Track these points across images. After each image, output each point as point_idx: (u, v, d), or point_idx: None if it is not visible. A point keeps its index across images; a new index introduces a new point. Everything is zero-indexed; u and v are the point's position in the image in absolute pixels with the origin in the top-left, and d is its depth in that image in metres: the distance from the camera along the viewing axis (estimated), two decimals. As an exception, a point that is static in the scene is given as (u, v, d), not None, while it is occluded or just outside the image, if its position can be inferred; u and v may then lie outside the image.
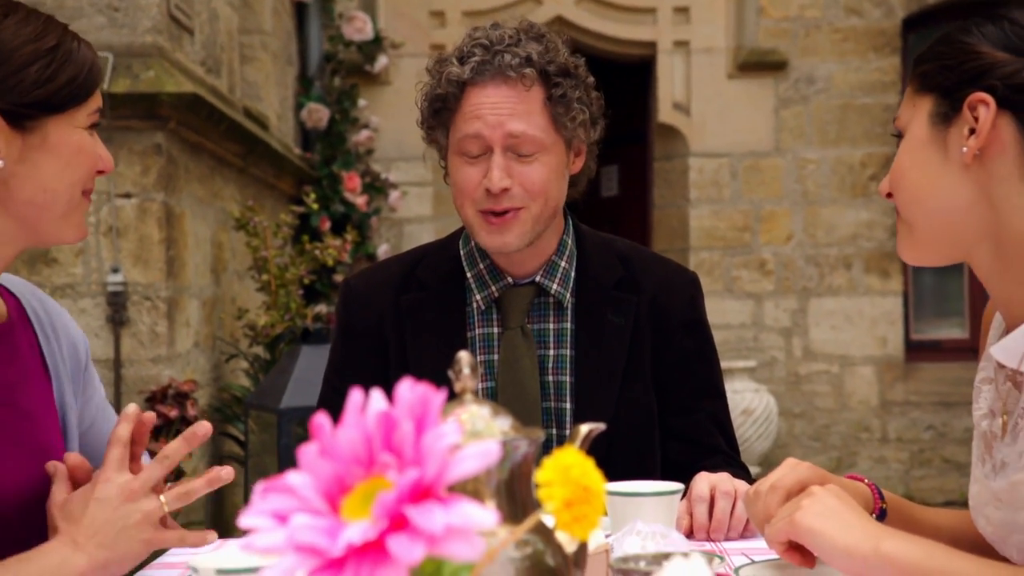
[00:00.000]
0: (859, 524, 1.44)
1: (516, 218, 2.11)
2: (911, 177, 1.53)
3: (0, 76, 1.51)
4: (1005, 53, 1.45)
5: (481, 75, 2.08)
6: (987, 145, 1.45)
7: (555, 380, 2.23)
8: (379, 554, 0.78)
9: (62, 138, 1.57)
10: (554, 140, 2.12)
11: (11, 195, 1.54)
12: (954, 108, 1.48)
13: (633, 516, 1.57)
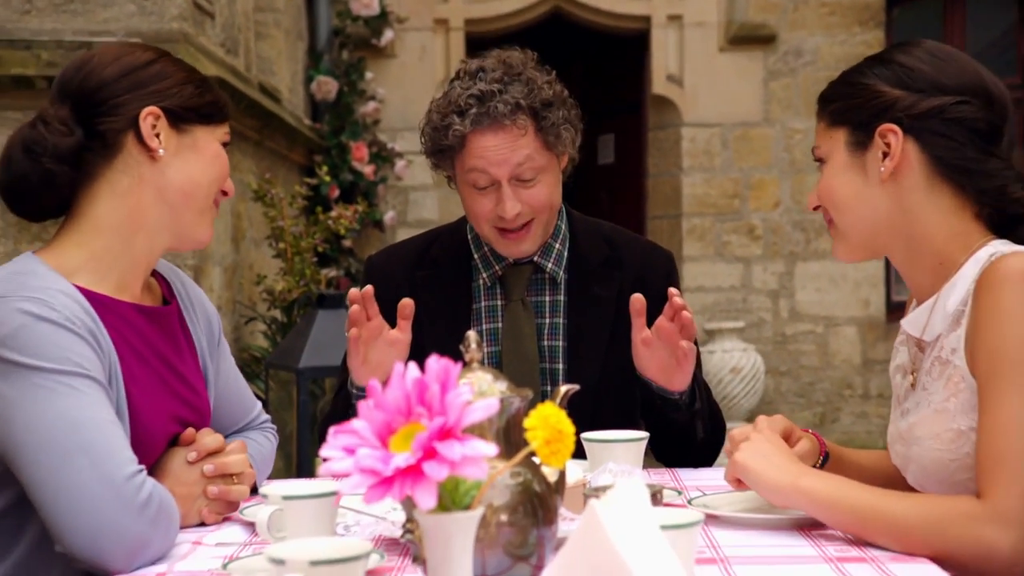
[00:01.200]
0: (783, 464, 1.81)
1: (529, 231, 2.46)
2: (840, 195, 1.90)
3: (168, 85, 1.93)
4: (900, 90, 1.82)
5: (480, 124, 2.39)
6: (899, 166, 1.83)
7: (550, 345, 2.58)
8: (417, 475, 1.16)
9: (206, 144, 1.97)
10: (548, 159, 2.45)
11: (167, 182, 1.92)
12: (868, 137, 1.85)
13: (607, 458, 1.93)
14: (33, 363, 1.72)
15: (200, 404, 2.06)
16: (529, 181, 2.43)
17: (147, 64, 1.94)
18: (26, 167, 1.88)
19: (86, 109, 1.90)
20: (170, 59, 1.99)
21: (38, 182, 1.88)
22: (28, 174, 1.88)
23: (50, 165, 1.87)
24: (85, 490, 1.68)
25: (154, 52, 1.98)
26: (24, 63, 4.69)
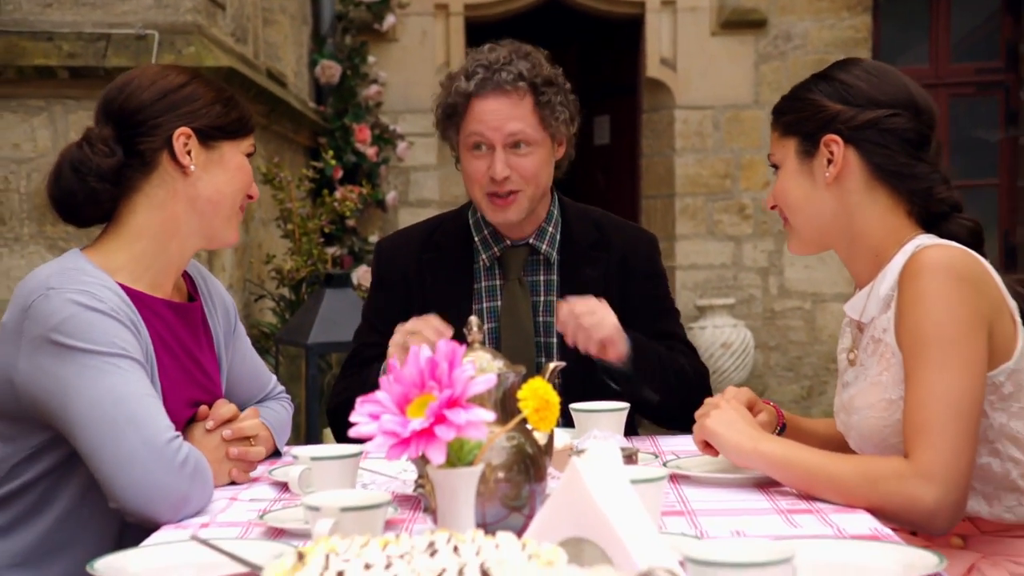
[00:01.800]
0: (746, 430, 2.08)
1: (515, 199, 2.71)
2: (792, 196, 2.17)
3: (198, 106, 2.17)
4: (841, 105, 2.08)
5: (483, 88, 2.67)
6: (841, 171, 2.09)
7: (544, 320, 2.84)
8: (429, 436, 1.42)
9: (232, 157, 2.22)
10: (542, 136, 2.71)
11: (197, 193, 2.18)
12: (814, 147, 2.11)
13: (592, 426, 2.20)
14: (84, 346, 1.98)
15: (214, 390, 2.32)
16: (521, 150, 2.68)
17: (180, 87, 2.18)
18: (74, 184, 2.14)
19: (126, 130, 2.15)
20: (200, 80, 2.23)
21: (84, 198, 2.15)
22: (75, 191, 2.14)
23: (94, 183, 2.13)
24: (133, 454, 1.94)
25: (187, 75, 2.23)
26: (47, 54, 4.94)
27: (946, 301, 1.94)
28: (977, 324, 1.94)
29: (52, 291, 2.00)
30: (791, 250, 2.28)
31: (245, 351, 2.48)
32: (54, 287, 2.01)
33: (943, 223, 2.11)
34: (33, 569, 2.07)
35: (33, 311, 1.99)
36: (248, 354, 2.49)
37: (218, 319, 2.37)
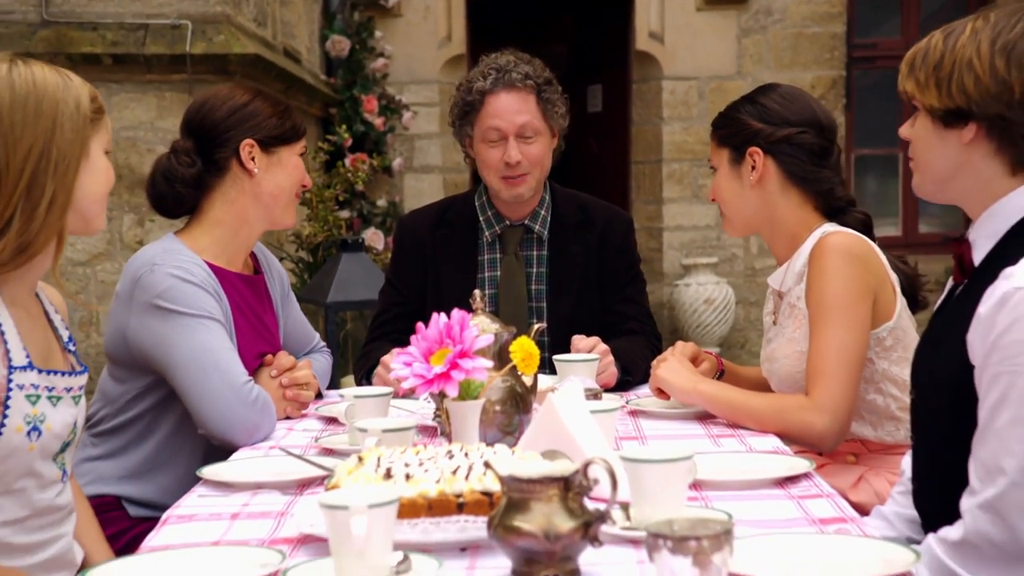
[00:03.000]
0: (687, 376, 2.67)
1: (524, 179, 3.26)
2: (725, 194, 2.75)
3: (259, 120, 2.74)
4: (761, 124, 2.66)
5: (497, 86, 3.22)
6: (762, 175, 2.67)
7: (536, 288, 3.41)
8: (447, 378, 2.02)
9: (288, 159, 2.81)
10: (545, 127, 3.27)
11: (261, 190, 2.76)
12: (741, 156, 2.70)
13: (570, 373, 2.77)
14: (180, 310, 2.57)
15: (275, 344, 2.91)
16: (529, 139, 3.24)
17: (244, 105, 2.76)
18: (164, 189, 2.74)
19: (204, 143, 2.74)
20: (261, 97, 2.81)
21: (173, 201, 2.75)
22: (166, 195, 2.74)
23: (180, 188, 2.73)
24: (217, 393, 2.54)
25: (250, 94, 2.80)
26: (92, 42, 5.51)
27: (841, 275, 2.53)
28: (864, 293, 2.53)
29: (156, 267, 2.59)
30: (727, 232, 2.88)
31: (296, 313, 3.07)
32: (158, 263, 2.60)
33: (842, 215, 2.70)
34: (141, 481, 2.67)
35: (141, 282, 2.58)
36: (298, 315, 3.09)
37: (276, 288, 2.97)
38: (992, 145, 1.98)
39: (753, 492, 2.03)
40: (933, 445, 2.08)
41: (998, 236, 2.00)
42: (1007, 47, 1.94)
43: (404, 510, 1.69)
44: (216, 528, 1.93)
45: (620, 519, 1.76)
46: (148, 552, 1.80)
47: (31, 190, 1.95)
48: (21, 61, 2.00)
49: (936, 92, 2.00)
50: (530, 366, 2.18)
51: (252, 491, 2.14)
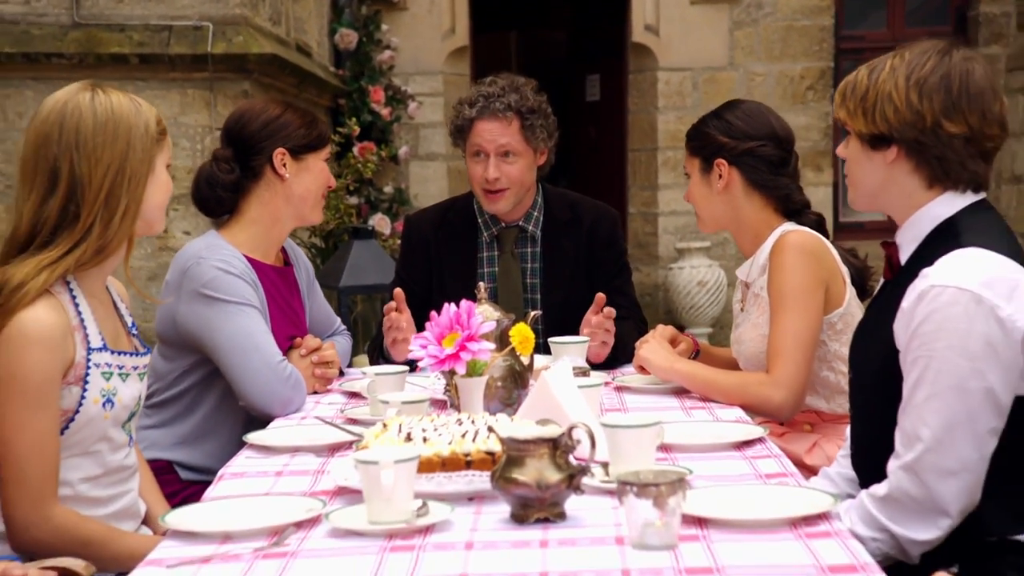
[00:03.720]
0: (665, 355, 3.06)
1: (503, 195, 3.62)
2: (697, 197, 3.13)
3: (290, 131, 3.10)
4: (726, 137, 3.04)
5: (482, 115, 3.57)
6: (728, 182, 3.05)
7: (531, 282, 3.76)
8: (456, 358, 2.41)
9: (315, 164, 3.18)
10: (526, 149, 3.62)
11: (291, 192, 3.13)
12: (709, 166, 3.07)
13: (563, 353, 3.15)
14: (224, 298, 2.95)
15: (302, 327, 3.29)
16: (508, 158, 3.58)
17: (277, 117, 3.13)
18: (207, 193, 3.12)
19: (241, 152, 3.12)
20: (291, 110, 3.18)
21: (214, 203, 3.13)
22: (208, 198, 3.13)
23: (221, 193, 3.11)
24: (256, 371, 2.92)
25: (282, 107, 3.17)
26: (120, 43, 5.88)
27: (797, 269, 2.91)
28: (817, 284, 2.92)
29: (202, 260, 2.97)
30: (700, 229, 3.26)
31: (320, 300, 3.46)
32: (203, 257, 2.98)
33: (799, 216, 3.08)
34: (190, 448, 3.06)
35: (189, 273, 2.97)
36: (322, 302, 3.47)
37: (303, 278, 3.35)
38: (911, 164, 2.35)
39: (714, 454, 2.42)
40: (866, 417, 2.46)
41: (919, 240, 2.37)
42: (919, 82, 2.31)
43: (422, 466, 2.07)
44: (264, 483, 2.32)
45: (600, 474, 2.15)
46: (212, 500, 2.18)
47: (108, 202, 2.33)
48: (100, 90, 2.38)
49: (863, 119, 2.37)
50: (527, 348, 2.57)
51: (291, 453, 2.53)
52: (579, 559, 1.78)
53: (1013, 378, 2.19)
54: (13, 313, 2.23)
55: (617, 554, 1.80)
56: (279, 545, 1.89)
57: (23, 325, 2.23)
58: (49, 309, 2.26)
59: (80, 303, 2.35)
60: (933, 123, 2.29)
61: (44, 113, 2.35)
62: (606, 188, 9.85)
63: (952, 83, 2.30)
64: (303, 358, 3.14)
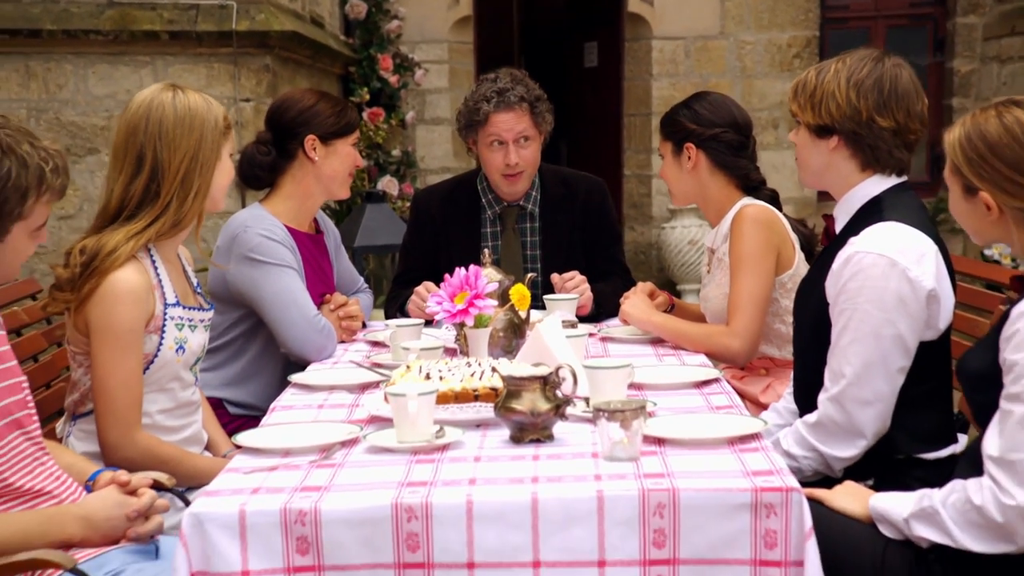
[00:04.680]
0: (645, 309, 3.58)
1: (521, 177, 4.09)
2: (670, 176, 3.64)
3: (321, 119, 3.59)
4: (694, 124, 3.54)
5: (499, 108, 4.02)
6: (695, 163, 3.56)
7: (531, 253, 4.22)
8: (466, 312, 2.95)
9: (342, 148, 3.66)
10: (536, 134, 4.07)
11: (321, 172, 3.62)
12: (680, 149, 3.57)
13: (556, 309, 3.67)
14: (268, 260, 3.46)
15: (331, 285, 3.80)
16: (524, 144, 4.07)
17: (311, 107, 3.63)
18: (248, 172, 3.63)
19: (278, 136, 3.62)
20: (324, 99, 3.67)
21: (255, 179, 3.64)
22: (249, 176, 3.63)
23: (259, 172, 3.61)
24: (295, 322, 3.44)
25: (316, 97, 3.67)
26: (151, 20, 6.37)
27: (752, 237, 3.42)
28: (770, 250, 3.43)
29: (248, 228, 3.49)
30: (673, 203, 3.78)
31: (345, 262, 3.97)
32: (249, 225, 3.49)
33: (756, 192, 3.59)
34: (237, 388, 3.58)
35: (238, 239, 3.48)
36: (347, 264, 3.98)
37: (331, 244, 3.87)
38: (849, 151, 2.85)
39: (677, 391, 2.94)
40: (804, 358, 2.98)
41: (850, 214, 2.88)
42: (858, 84, 2.81)
43: (439, 399, 2.59)
44: (309, 413, 2.85)
45: (581, 406, 2.67)
46: (270, 426, 2.71)
47: (184, 183, 2.84)
48: (180, 90, 2.89)
49: (811, 112, 2.87)
50: (524, 304, 3.10)
51: (328, 391, 3.05)
52: (562, 468, 2.30)
53: (919, 327, 2.70)
54: (107, 274, 2.74)
55: (592, 464, 2.32)
56: (328, 458, 2.42)
57: (115, 283, 2.75)
58: (135, 271, 2.78)
59: (159, 266, 2.87)
60: (868, 118, 2.79)
61: (133, 108, 2.87)
62: (603, 151, 10.37)
63: (884, 85, 2.80)
64: (332, 312, 3.66)
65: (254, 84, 6.46)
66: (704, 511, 2.15)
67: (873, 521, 2.42)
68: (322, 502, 2.15)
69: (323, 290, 3.71)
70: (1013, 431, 2.18)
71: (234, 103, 6.39)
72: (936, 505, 2.29)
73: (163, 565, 2.43)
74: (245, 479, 2.31)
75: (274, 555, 2.15)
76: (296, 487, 2.24)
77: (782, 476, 2.20)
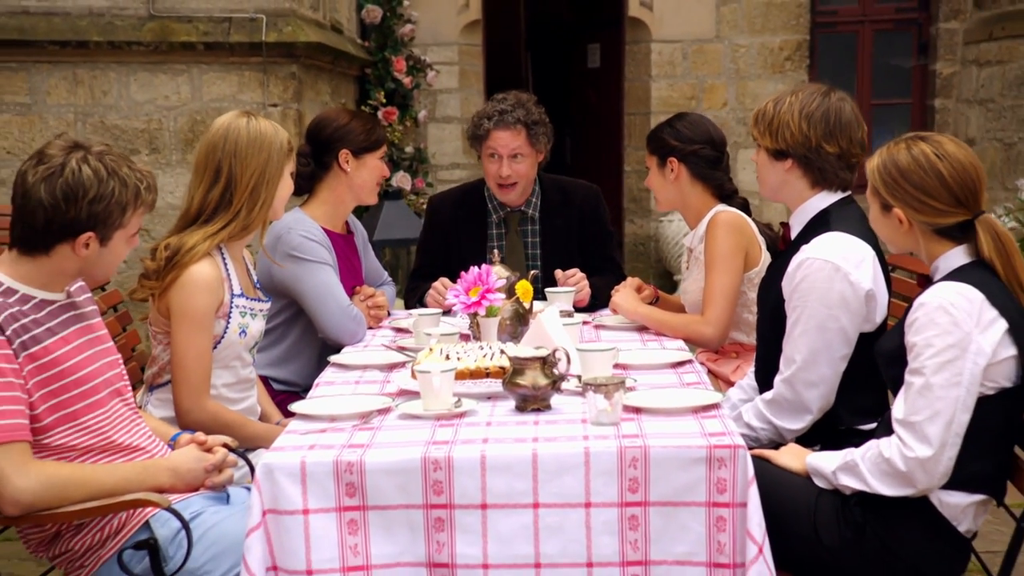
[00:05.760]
0: (632, 301, 4.14)
1: (514, 188, 4.64)
2: (656, 186, 4.18)
3: (353, 136, 4.13)
4: (676, 141, 4.09)
5: (497, 126, 4.56)
6: (678, 175, 4.11)
7: (532, 253, 4.76)
8: (479, 304, 3.51)
9: (371, 160, 4.20)
10: (530, 152, 4.60)
11: (352, 182, 4.17)
12: (664, 162, 4.12)
13: (555, 300, 4.22)
14: (308, 258, 4.02)
15: (360, 279, 4.36)
16: (517, 159, 4.60)
17: (345, 124, 4.18)
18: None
19: (316, 150, 4.17)
20: (357, 118, 4.21)
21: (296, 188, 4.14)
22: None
23: (300, 181, 4.13)
24: (331, 310, 4.00)
25: (349, 116, 4.22)
26: (188, 32, 6.93)
27: (724, 240, 3.97)
28: (738, 250, 3.98)
29: (292, 229, 4.04)
30: (657, 209, 4.35)
31: (372, 258, 4.54)
32: (292, 227, 4.05)
33: (729, 200, 4.14)
34: (281, 367, 4.14)
35: (282, 239, 4.04)
36: (373, 259, 4.55)
37: (360, 243, 4.43)
38: (800, 171, 3.39)
39: (655, 370, 3.49)
40: (764, 344, 3.54)
41: (803, 225, 3.42)
42: (808, 115, 3.35)
43: (457, 376, 3.13)
44: (348, 388, 3.40)
45: (574, 382, 3.23)
46: (316, 398, 3.28)
47: (252, 195, 3.40)
48: (253, 116, 3.46)
49: (770, 138, 3.42)
50: (527, 297, 3.67)
51: (362, 369, 3.61)
52: (557, 431, 2.85)
53: (858, 321, 3.24)
54: (187, 267, 3.31)
55: (581, 428, 2.87)
56: (367, 423, 2.98)
57: (193, 274, 3.31)
58: (209, 265, 3.35)
59: (228, 262, 3.44)
60: (816, 144, 3.33)
61: (213, 130, 3.45)
62: (604, 147, 10.91)
63: (830, 117, 3.34)
64: (362, 302, 4.22)
65: (281, 90, 7.02)
66: (669, 463, 2.69)
67: (809, 475, 2.98)
68: (366, 456, 2.70)
69: (353, 283, 4.27)
70: (914, 399, 2.74)
71: (263, 108, 6.95)
72: (856, 459, 2.85)
73: (232, 509, 2.99)
74: (302, 438, 2.86)
75: (328, 497, 2.69)
76: (344, 444, 2.79)
77: (732, 437, 2.75)
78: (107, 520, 2.85)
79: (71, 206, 2.77)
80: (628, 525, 2.70)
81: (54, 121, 6.96)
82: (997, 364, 2.75)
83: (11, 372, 2.68)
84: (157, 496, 2.79)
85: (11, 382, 2.68)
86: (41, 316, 2.81)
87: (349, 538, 2.70)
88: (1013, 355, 2.76)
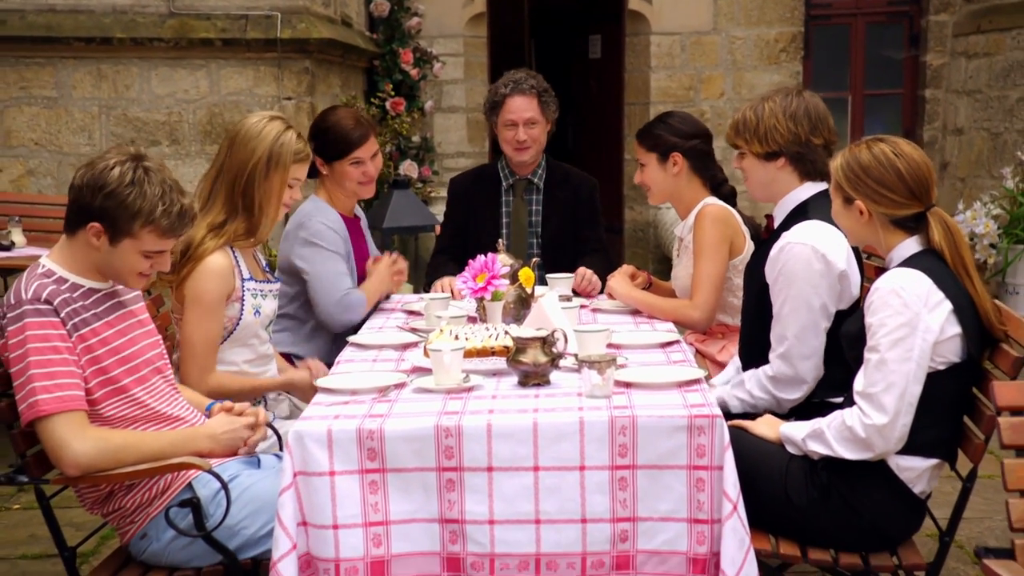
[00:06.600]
0: (627, 286, 4.46)
1: (528, 149, 5.03)
2: (655, 181, 4.50)
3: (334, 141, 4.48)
4: (675, 137, 4.41)
5: (513, 92, 4.98)
6: (680, 169, 4.43)
7: (536, 219, 5.15)
8: (485, 289, 3.85)
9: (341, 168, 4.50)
10: (542, 118, 5.03)
11: (333, 182, 4.50)
12: (666, 157, 4.44)
13: (555, 285, 4.56)
14: (323, 245, 4.36)
15: (368, 254, 4.70)
16: (532, 125, 5.02)
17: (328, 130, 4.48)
18: None
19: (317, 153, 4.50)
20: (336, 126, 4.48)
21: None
22: None
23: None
24: (327, 300, 4.33)
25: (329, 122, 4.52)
26: (207, 29, 7.25)
27: (711, 229, 4.30)
28: (724, 240, 4.31)
29: (312, 216, 4.39)
30: (650, 202, 4.67)
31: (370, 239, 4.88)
32: (313, 215, 4.39)
33: (718, 191, 4.47)
34: (301, 345, 4.47)
35: (303, 225, 4.38)
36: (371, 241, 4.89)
37: (365, 226, 4.77)
38: (792, 166, 3.72)
39: (645, 349, 3.82)
40: (748, 324, 3.87)
41: (785, 214, 3.75)
42: (792, 114, 3.68)
43: (466, 354, 3.46)
44: (366, 365, 3.73)
45: (571, 360, 3.56)
46: (338, 374, 3.61)
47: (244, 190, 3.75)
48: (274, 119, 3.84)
49: (759, 144, 3.73)
50: (529, 283, 4.00)
51: (378, 349, 3.94)
52: (556, 403, 3.18)
53: (834, 296, 3.56)
54: (200, 260, 3.66)
55: (577, 400, 3.19)
56: (385, 396, 3.31)
57: (207, 264, 3.67)
58: (222, 255, 3.70)
59: (236, 252, 3.79)
60: (805, 139, 3.67)
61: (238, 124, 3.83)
62: (605, 135, 11.22)
63: (811, 112, 3.68)
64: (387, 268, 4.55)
65: (295, 84, 7.35)
66: (654, 431, 3.02)
67: (782, 442, 3.32)
68: (385, 424, 3.03)
69: (366, 256, 4.65)
70: (871, 373, 3.08)
71: (277, 101, 7.27)
72: (823, 427, 3.19)
73: (265, 472, 3.34)
74: (328, 409, 3.20)
75: (352, 460, 3.02)
76: (365, 414, 3.11)
77: (710, 407, 3.08)
78: (154, 481, 3.19)
79: (89, 193, 3.08)
80: (618, 486, 3.02)
81: (79, 114, 7.28)
82: (944, 341, 3.09)
83: (67, 350, 3.03)
84: (200, 460, 3.13)
85: (67, 358, 3.02)
86: (89, 303, 3.15)
87: (370, 497, 3.02)
88: (958, 333, 3.10)
